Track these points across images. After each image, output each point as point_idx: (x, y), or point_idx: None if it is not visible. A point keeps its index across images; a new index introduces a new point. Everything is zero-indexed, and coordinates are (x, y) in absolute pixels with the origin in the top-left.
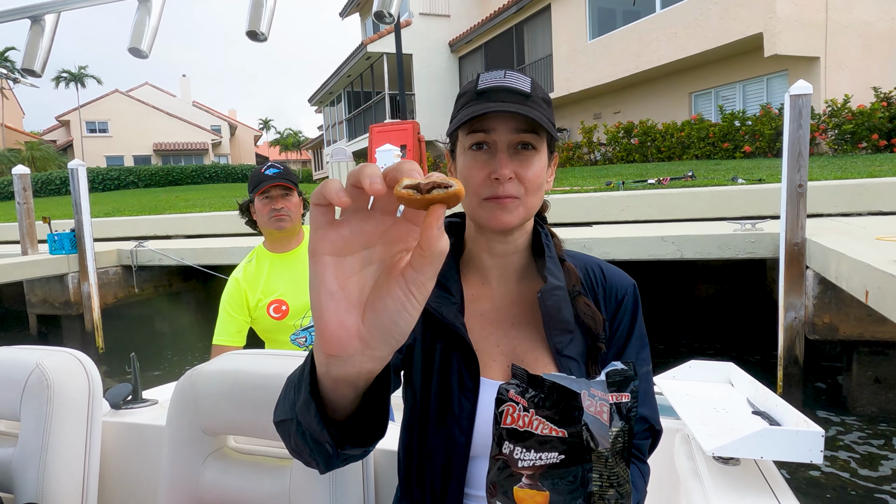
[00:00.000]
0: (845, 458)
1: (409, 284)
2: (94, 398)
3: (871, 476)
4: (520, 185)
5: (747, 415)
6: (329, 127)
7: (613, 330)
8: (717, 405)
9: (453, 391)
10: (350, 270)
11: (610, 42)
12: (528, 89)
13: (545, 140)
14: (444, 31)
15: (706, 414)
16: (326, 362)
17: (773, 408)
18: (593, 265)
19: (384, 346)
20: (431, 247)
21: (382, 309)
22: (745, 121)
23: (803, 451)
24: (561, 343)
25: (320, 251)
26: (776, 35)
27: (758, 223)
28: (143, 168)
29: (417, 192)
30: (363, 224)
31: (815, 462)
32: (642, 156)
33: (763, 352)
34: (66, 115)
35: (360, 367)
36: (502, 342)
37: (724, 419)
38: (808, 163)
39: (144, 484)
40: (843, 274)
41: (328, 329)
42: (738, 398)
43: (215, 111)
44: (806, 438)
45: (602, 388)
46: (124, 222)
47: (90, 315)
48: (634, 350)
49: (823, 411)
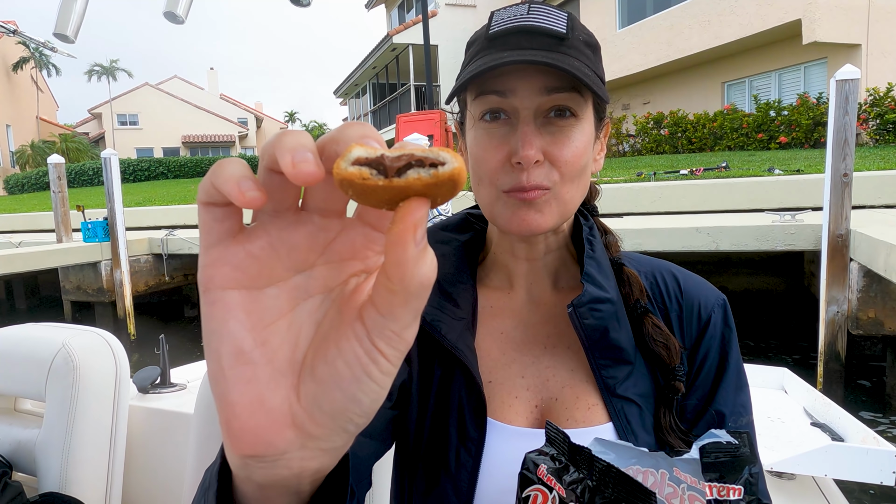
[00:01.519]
0: None
1: (373, 335)
2: (121, 381)
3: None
4: (552, 169)
5: (805, 426)
6: (354, 119)
7: (697, 363)
8: (771, 414)
9: (450, 438)
10: (272, 313)
11: (640, 31)
12: (562, 28)
13: (590, 103)
14: (471, 21)
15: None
16: (243, 465)
17: (834, 420)
18: (664, 272)
19: (336, 436)
20: (404, 275)
21: (330, 377)
22: (781, 111)
23: (873, 472)
24: (614, 378)
25: (218, 283)
26: (815, 21)
27: (797, 214)
28: (172, 159)
29: (379, 175)
30: (290, 233)
31: (885, 483)
32: (672, 147)
33: (801, 349)
34: (97, 108)
35: (301, 467)
36: (529, 373)
37: (780, 430)
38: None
39: (171, 473)
40: (893, 266)
41: (240, 417)
42: (793, 407)
43: (242, 104)
44: (876, 457)
45: (694, 471)
46: (154, 212)
47: (122, 302)
48: (730, 394)
49: (866, 412)
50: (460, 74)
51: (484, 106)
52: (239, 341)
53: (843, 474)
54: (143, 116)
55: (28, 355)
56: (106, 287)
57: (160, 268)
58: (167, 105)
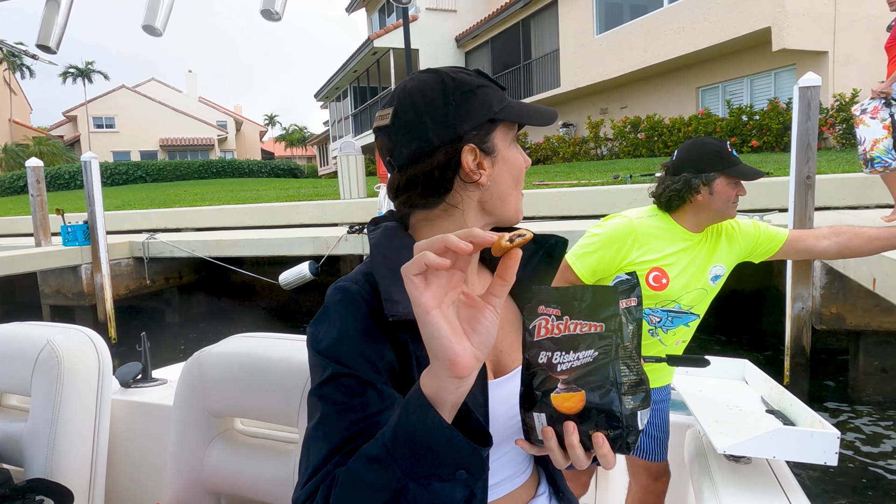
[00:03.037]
0: (853, 449)
1: (495, 306)
2: (104, 376)
3: (881, 466)
4: None
5: (761, 413)
6: (335, 122)
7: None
8: (730, 403)
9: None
10: (448, 314)
11: (617, 37)
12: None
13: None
14: (451, 26)
15: (719, 411)
16: (458, 385)
17: (787, 407)
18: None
19: (484, 359)
20: (510, 277)
21: (483, 330)
22: (753, 115)
23: (817, 453)
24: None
25: (431, 307)
26: (784, 29)
27: (765, 215)
28: (150, 163)
29: (509, 242)
30: (445, 279)
31: (829, 464)
32: (649, 150)
33: (770, 344)
34: (73, 111)
35: (469, 383)
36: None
37: (738, 417)
38: (817, 157)
39: (152, 462)
40: (851, 263)
41: (460, 357)
42: (752, 396)
43: (221, 107)
44: (821, 439)
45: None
46: (134, 215)
47: (103, 306)
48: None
49: (831, 402)
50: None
51: (514, 132)
52: (449, 327)
53: (791, 456)
54: (119, 119)
55: (14, 352)
56: (86, 291)
57: (141, 271)
58: (144, 108)
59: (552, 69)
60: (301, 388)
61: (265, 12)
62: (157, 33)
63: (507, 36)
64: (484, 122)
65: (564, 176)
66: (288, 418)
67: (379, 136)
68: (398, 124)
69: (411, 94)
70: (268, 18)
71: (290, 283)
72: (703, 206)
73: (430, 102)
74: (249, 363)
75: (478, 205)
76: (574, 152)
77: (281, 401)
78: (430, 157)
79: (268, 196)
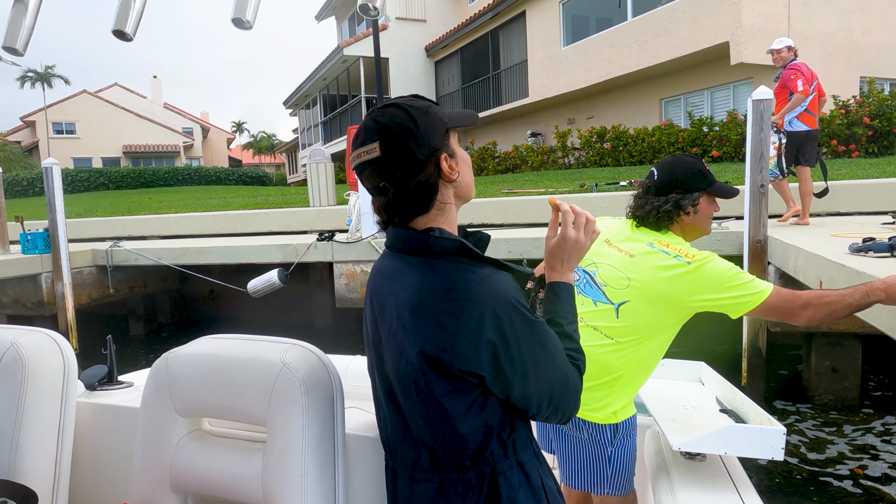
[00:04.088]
0: (803, 445)
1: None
2: (68, 378)
3: (828, 461)
4: None
5: (715, 412)
6: (304, 130)
7: None
8: (686, 403)
9: None
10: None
11: (583, 49)
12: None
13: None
14: (421, 35)
15: (676, 411)
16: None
17: (739, 406)
18: None
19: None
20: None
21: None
22: (713, 126)
23: (765, 448)
24: None
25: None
26: (742, 44)
27: (723, 222)
28: (114, 170)
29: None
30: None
31: (776, 459)
32: (615, 160)
33: (731, 346)
34: (31, 116)
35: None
36: None
37: (693, 416)
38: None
39: (118, 464)
40: (801, 267)
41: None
42: (707, 396)
43: (187, 113)
44: (768, 436)
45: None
46: (97, 223)
47: (64, 315)
48: None
49: (785, 401)
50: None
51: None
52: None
53: (742, 451)
54: (80, 125)
55: None
56: (46, 300)
57: (104, 280)
58: (107, 113)
59: (521, 79)
60: (270, 387)
61: (236, 20)
62: (127, 38)
63: (476, 46)
64: (444, 132)
65: (533, 184)
66: (257, 418)
67: (366, 169)
68: (387, 153)
69: (390, 128)
70: (239, 27)
71: (259, 291)
72: (687, 224)
73: (406, 130)
74: (219, 363)
75: (454, 195)
76: (542, 161)
77: (250, 401)
78: (421, 171)
79: (236, 203)
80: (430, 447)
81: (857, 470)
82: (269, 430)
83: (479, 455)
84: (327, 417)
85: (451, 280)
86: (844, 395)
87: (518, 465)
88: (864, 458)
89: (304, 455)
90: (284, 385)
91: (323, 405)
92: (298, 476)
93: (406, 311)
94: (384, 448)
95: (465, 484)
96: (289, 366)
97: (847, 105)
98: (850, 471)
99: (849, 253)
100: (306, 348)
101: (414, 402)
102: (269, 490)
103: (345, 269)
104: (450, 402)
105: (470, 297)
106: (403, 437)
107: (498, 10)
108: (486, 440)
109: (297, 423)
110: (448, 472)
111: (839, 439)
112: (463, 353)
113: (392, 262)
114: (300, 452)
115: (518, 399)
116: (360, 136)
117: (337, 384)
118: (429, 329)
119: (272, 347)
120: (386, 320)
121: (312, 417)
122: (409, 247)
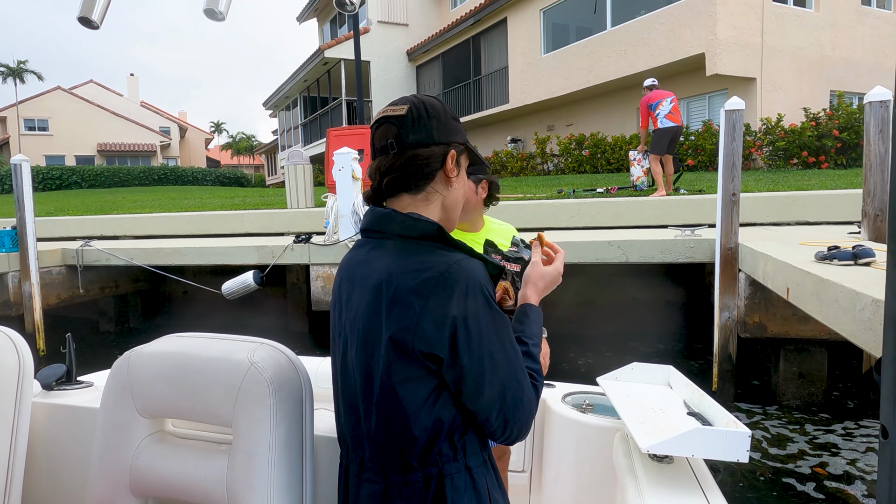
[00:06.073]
0: (770, 448)
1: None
2: (24, 377)
3: (793, 464)
4: None
5: (683, 415)
6: (284, 131)
7: None
8: (655, 406)
9: None
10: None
11: (563, 57)
12: None
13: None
14: (402, 39)
15: (644, 414)
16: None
17: (706, 409)
18: None
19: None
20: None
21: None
22: (689, 136)
23: (731, 451)
24: None
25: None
26: (717, 56)
27: (696, 230)
28: (87, 168)
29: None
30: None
31: (741, 461)
32: (593, 167)
33: (700, 352)
34: (2, 112)
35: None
36: None
37: (661, 419)
38: (745, 176)
39: (76, 467)
40: (769, 274)
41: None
42: (675, 399)
43: (164, 112)
44: (734, 438)
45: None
46: (68, 221)
47: (31, 316)
48: None
49: (754, 405)
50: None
51: (466, 166)
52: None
53: (708, 454)
54: (53, 122)
55: None
56: (13, 300)
57: (74, 280)
58: (81, 111)
59: (501, 85)
60: (237, 387)
61: (208, 11)
62: (93, 25)
63: (457, 52)
64: (461, 143)
65: (512, 189)
66: (223, 419)
67: (384, 124)
68: (411, 117)
69: (423, 102)
70: (211, 18)
71: (234, 293)
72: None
73: (436, 111)
74: (184, 362)
75: (441, 200)
76: (522, 167)
77: (216, 401)
78: (428, 147)
79: (212, 204)
80: (378, 442)
81: (819, 469)
82: (236, 431)
83: (427, 454)
84: (296, 419)
85: (423, 261)
86: (812, 401)
87: (466, 470)
88: (825, 456)
89: (271, 457)
90: (252, 385)
91: (291, 406)
92: (265, 478)
93: (373, 293)
94: (339, 443)
95: (411, 487)
96: (257, 365)
97: (817, 118)
98: (811, 468)
99: (815, 261)
100: (275, 348)
101: (370, 391)
102: (234, 492)
103: (321, 272)
104: (405, 391)
105: (440, 277)
106: (354, 431)
107: (480, 17)
108: (436, 438)
109: (265, 425)
110: (394, 472)
111: (804, 442)
112: (426, 333)
113: (365, 251)
114: (267, 454)
115: (469, 395)
116: (396, 101)
117: (306, 385)
118: (396, 309)
119: (240, 346)
120: (352, 307)
121: (280, 418)
122: (386, 227)
